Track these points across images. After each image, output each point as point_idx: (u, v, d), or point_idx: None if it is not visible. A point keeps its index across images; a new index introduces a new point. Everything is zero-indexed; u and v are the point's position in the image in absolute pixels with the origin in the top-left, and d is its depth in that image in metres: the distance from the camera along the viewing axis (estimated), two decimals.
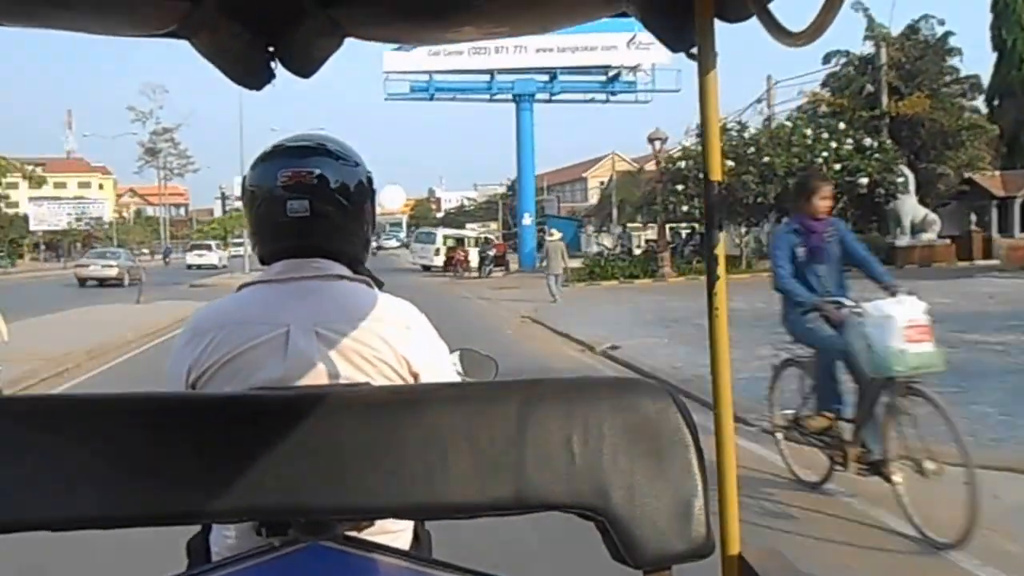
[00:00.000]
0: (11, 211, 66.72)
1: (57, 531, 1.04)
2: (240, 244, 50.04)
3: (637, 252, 34.25)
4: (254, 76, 1.45)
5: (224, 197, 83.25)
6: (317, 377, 1.42)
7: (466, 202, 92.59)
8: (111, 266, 32.09)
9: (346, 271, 1.53)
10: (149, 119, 71.21)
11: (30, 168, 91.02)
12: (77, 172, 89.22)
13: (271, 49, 1.42)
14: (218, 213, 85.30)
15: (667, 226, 30.50)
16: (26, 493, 1.02)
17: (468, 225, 73.20)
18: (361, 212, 1.56)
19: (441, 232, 41.54)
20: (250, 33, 1.37)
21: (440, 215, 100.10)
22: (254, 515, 1.13)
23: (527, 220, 39.96)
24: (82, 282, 31.21)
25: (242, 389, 1.40)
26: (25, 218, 69.17)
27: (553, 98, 39.77)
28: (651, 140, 26.94)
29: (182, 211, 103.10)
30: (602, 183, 65.76)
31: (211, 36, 1.36)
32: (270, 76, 1.45)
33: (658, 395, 1.13)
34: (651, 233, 38.55)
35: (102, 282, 31.27)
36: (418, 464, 1.07)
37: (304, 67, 1.45)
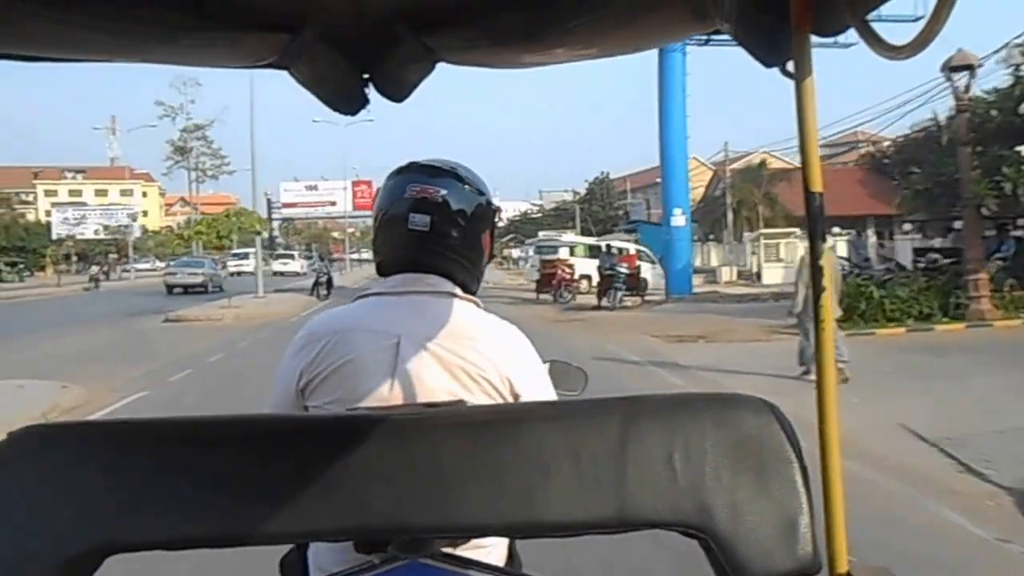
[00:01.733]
0: (29, 217, 60.54)
1: (169, 551, 1.08)
2: (243, 256, 43.67)
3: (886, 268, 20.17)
4: (349, 102, 1.49)
5: (270, 204, 76.12)
6: (422, 390, 1.46)
7: (531, 208, 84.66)
8: (196, 274, 34.37)
9: (458, 290, 1.57)
10: (179, 114, 65.17)
11: (70, 176, 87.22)
12: (119, 180, 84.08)
13: (366, 76, 1.46)
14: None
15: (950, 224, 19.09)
16: (138, 514, 1.06)
17: (541, 234, 66.22)
18: (478, 239, 1.62)
19: (567, 239, 32.19)
20: (346, 61, 1.41)
21: (501, 224, 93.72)
22: (358, 534, 1.15)
23: (678, 217, 24.25)
24: (170, 289, 33.41)
25: (349, 396, 1.47)
26: (47, 227, 63.26)
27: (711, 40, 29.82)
28: (951, 70, 14.36)
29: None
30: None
31: (310, 65, 1.39)
32: (365, 102, 1.50)
33: (760, 410, 1.12)
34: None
35: (187, 289, 33.36)
36: (519, 482, 1.09)
37: (398, 92, 1.49)
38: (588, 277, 26.05)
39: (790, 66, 1.15)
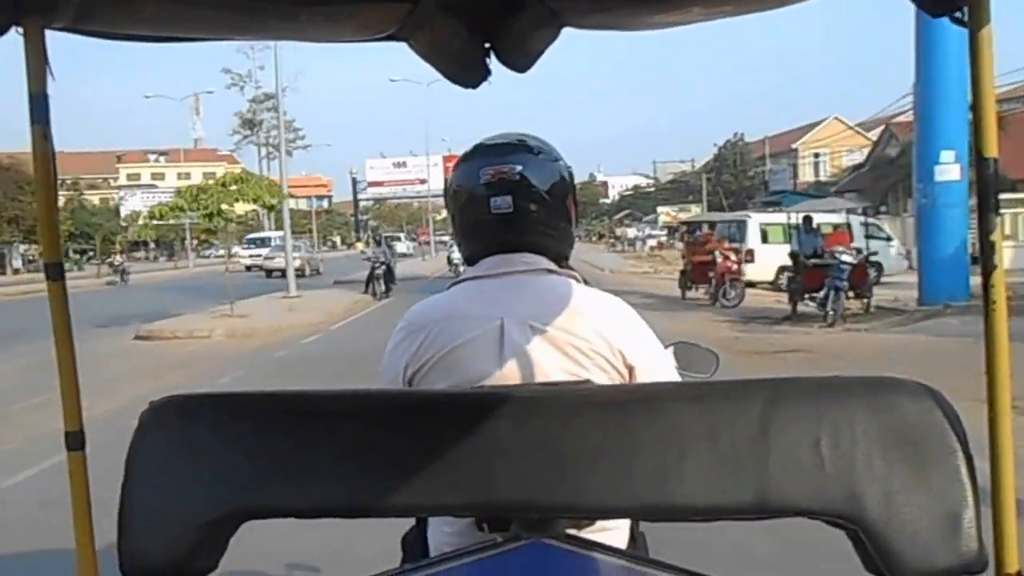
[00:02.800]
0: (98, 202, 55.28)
1: (301, 519, 1.11)
2: (260, 242, 38.32)
3: None
4: (471, 73, 1.47)
5: (355, 183, 69.20)
6: (534, 370, 1.43)
7: (643, 182, 75.15)
8: (295, 257, 32.07)
9: (553, 266, 1.53)
10: (248, 83, 58.79)
11: (152, 158, 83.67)
12: (202, 161, 79.59)
13: (487, 45, 1.43)
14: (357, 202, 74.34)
15: None
16: (272, 482, 1.09)
17: (659, 208, 57.02)
18: (563, 207, 1.56)
19: (758, 220, 20.79)
20: (467, 30, 1.38)
21: (608, 201, 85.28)
22: (485, 510, 1.15)
23: (948, 168, 13.18)
24: (268, 273, 33.06)
25: (459, 383, 1.43)
26: (116, 211, 58.15)
27: None
28: None
29: (324, 203, 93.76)
30: (817, 154, 48.20)
31: (430, 36, 1.38)
32: (487, 73, 1.47)
33: (919, 395, 1.06)
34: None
35: (284, 272, 33.02)
36: (652, 464, 1.06)
37: (521, 61, 1.46)
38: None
39: (959, 15, 1.07)
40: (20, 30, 1.13)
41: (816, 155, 51.74)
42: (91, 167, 72.90)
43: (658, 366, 1.50)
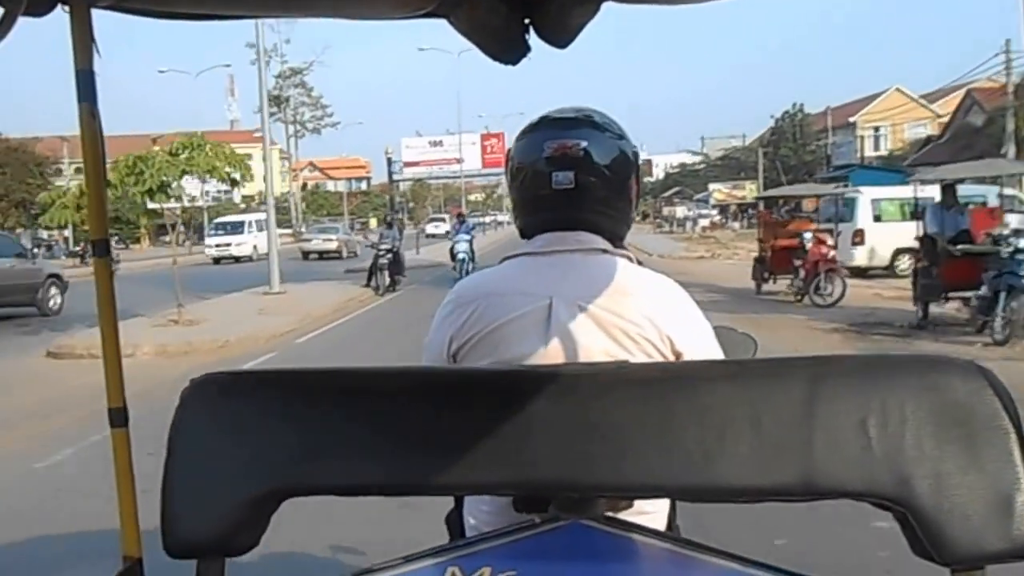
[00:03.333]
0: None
1: (341, 495, 1.11)
2: (232, 228, 35.63)
3: None
4: (511, 50, 1.47)
5: (390, 163, 66.06)
6: (579, 351, 1.39)
7: (690, 160, 70.62)
8: (331, 240, 34.41)
9: (608, 245, 1.49)
10: (273, 57, 55.51)
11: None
12: (237, 143, 77.44)
13: (527, 21, 1.42)
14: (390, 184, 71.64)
15: None
16: (313, 460, 1.08)
17: (711, 186, 52.60)
18: (625, 186, 1.52)
19: (870, 194, 17.04)
20: (506, 6, 1.38)
21: (652, 179, 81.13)
22: (525, 488, 1.14)
23: None
24: (305, 255, 33.12)
25: (503, 360, 1.40)
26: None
27: None
28: None
29: (363, 184, 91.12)
30: (877, 127, 43.70)
31: (470, 12, 1.37)
32: (526, 49, 1.46)
33: (971, 374, 1.03)
34: None
35: (322, 255, 33.13)
36: (693, 444, 1.03)
37: (560, 37, 1.45)
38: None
39: None
40: (66, 9, 1.16)
41: (876, 128, 48.25)
42: (127, 150, 71.19)
43: (706, 354, 1.43)
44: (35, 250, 20.65)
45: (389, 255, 17.53)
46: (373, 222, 71.23)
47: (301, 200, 76.96)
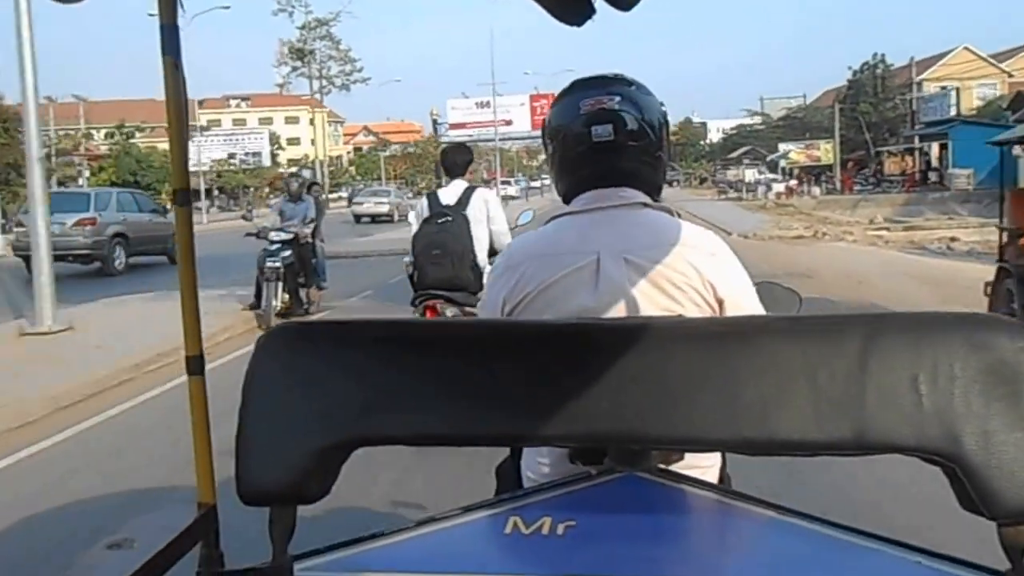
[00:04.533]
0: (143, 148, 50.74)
1: (408, 445, 1.13)
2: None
3: None
4: (575, 12, 1.43)
5: (436, 124, 64.43)
6: (628, 303, 1.43)
7: (751, 121, 67.51)
8: (383, 203, 35.29)
9: (648, 200, 1.53)
10: (296, 7, 53.59)
11: (234, 104, 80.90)
12: (284, 106, 76.30)
13: None
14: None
15: None
16: (382, 409, 1.10)
17: (781, 146, 49.72)
18: (660, 138, 1.56)
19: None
20: None
21: (707, 143, 78.26)
22: (583, 439, 1.14)
23: None
24: (357, 218, 33.81)
25: (556, 317, 1.42)
26: (165, 154, 53.75)
27: None
28: None
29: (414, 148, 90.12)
30: (944, 87, 40.91)
31: None
32: (591, 11, 1.43)
33: (1018, 334, 1.03)
34: None
35: (374, 218, 33.68)
36: (750, 397, 1.05)
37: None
38: None
39: None
40: None
41: (944, 88, 45.55)
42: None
43: (747, 301, 1.49)
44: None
45: (286, 253, 9.57)
46: (421, 185, 69.70)
47: (350, 164, 75.81)
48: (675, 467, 1.21)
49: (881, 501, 3.84)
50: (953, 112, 38.53)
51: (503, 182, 64.29)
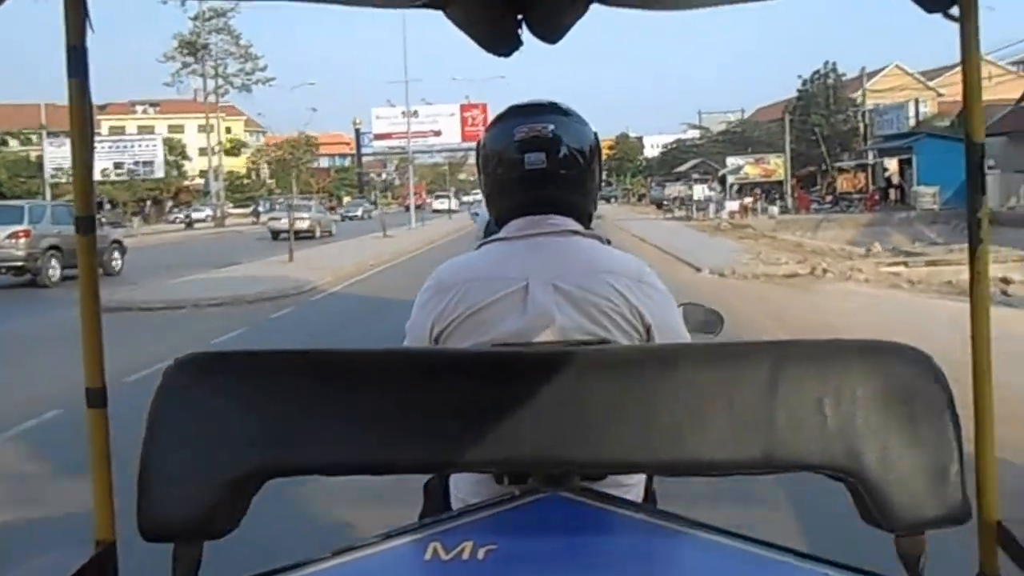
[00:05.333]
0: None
1: (323, 475, 1.14)
2: None
3: None
4: (503, 44, 1.53)
5: (359, 135, 59.81)
6: (555, 330, 1.45)
7: (688, 135, 65.17)
8: (303, 219, 32.54)
9: (579, 227, 1.56)
10: None
11: (140, 109, 74.82)
12: (197, 113, 70.56)
13: (519, 17, 1.48)
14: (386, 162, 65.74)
15: None
16: (295, 441, 1.09)
17: (731, 160, 46.77)
18: (591, 169, 1.59)
19: None
20: (501, 1, 1.42)
21: (643, 159, 76.01)
22: (505, 466, 1.18)
23: None
24: (275, 235, 32.12)
25: (484, 341, 1.45)
26: (39, 164, 46.42)
27: None
28: None
29: (347, 161, 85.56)
30: (878, 105, 39.49)
31: (465, 6, 1.40)
32: (518, 43, 1.53)
33: (914, 359, 1.12)
34: None
35: (298, 235, 32.67)
36: (668, 421, 1.09)
37: (551, 34, 1.53)
38: None
39: (954, 11, 1.15)
40: None
41: (877, 105, 45.33)
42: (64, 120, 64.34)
43: (673, 327, 1.53)
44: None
45: None
46: (347, 199, 64.96)
47: (270, 177, 70.78)
48: (600, 485, 1.22)
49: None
50: (912, 124, 36.25)
51: (439, 196, 60.52)
